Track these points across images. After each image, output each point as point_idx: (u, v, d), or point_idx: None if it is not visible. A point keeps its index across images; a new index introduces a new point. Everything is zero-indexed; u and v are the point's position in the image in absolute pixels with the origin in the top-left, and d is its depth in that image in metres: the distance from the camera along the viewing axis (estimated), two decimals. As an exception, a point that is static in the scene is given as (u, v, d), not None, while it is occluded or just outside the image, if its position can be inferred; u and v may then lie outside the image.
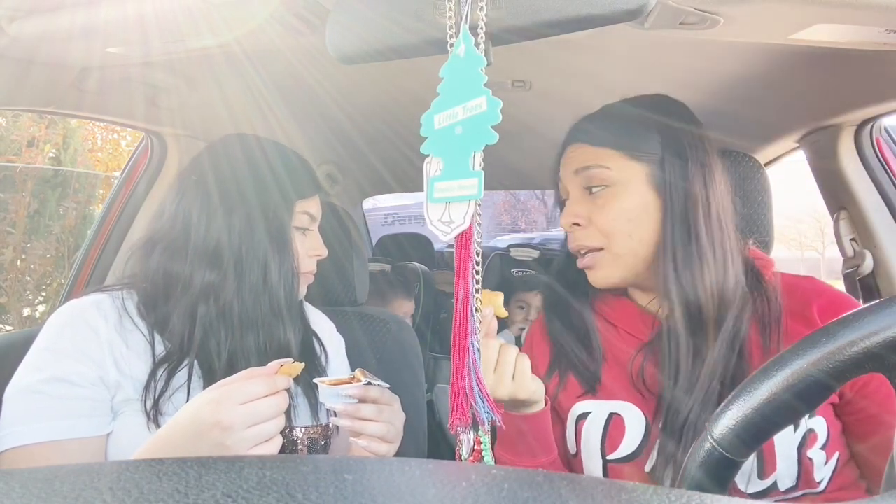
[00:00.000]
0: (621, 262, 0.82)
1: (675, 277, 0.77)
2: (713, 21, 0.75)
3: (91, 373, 0.78)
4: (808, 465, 0.72)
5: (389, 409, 0.83)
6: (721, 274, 0.77)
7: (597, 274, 0.84)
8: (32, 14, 0.81)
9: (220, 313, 0.86)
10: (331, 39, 0.64)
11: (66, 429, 0.75)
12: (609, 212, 0.80)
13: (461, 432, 0.64)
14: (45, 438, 0.74)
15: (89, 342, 0.79)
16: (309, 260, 0.97)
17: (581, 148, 0.85)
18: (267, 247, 0.88)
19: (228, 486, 0.29)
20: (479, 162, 0.56)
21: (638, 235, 0.80)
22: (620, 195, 0.80)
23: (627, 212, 0.80)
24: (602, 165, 0.81)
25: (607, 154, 0.81)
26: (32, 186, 4.46)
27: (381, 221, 7.39)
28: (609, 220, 0.80)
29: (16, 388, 0.77)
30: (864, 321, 0.43)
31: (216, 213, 0.87)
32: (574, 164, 0.84)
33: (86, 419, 0.76)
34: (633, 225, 0.80)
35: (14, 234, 4.38)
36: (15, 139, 5.20)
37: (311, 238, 0.97)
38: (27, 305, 4.56)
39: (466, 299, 0.59)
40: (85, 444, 0.76)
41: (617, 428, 0.80)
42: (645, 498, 0.29)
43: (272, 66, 1.14)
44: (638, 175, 0.80)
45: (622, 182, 0.80)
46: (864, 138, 1.29)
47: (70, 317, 0.82)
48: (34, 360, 0.79)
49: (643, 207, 0.80)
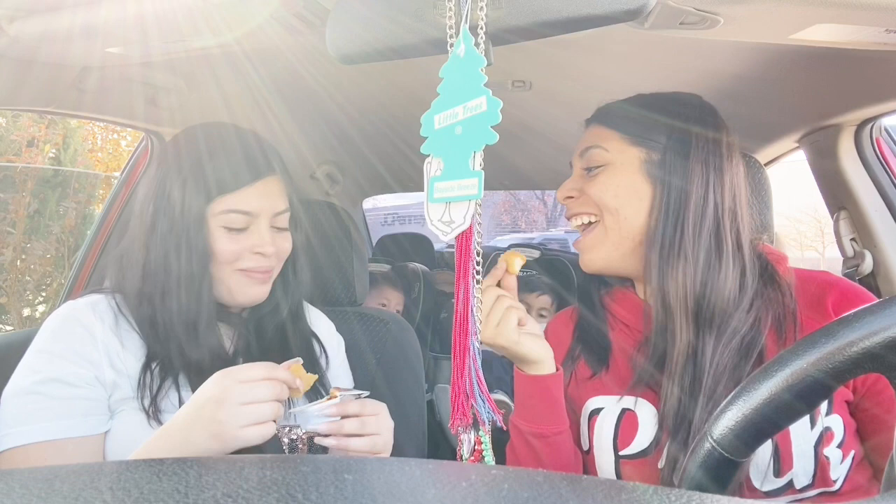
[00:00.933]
0: (609, 240, 0.84)
1: (658, 268, 0.79)
2: (713, 21, 0.75)
3: (87, 373, 0.78)
4: (825, 464, 0.73)
5: (374, 419, 0.81)
6: (711, 275, 0.77)
7: (586, 253, 0.87)
8: (33, 14, 0.81)
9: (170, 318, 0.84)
10: (331, 39, 0.64)
11: (63, 429, 0.75)
12: (598, 184, 0.83)
13: (462, 432, 0.64)
14: (43, 438, 0.74)
15: (85, 343, 0.80)
16: (253, 257, 0.88)
17: (593, 128, 0.88)
18: (177, 251, 0.84)
19: (228, 486, 0.29)
20: (479, 162, 0.56)
21: (625, 213, 0.82)
22: (612, 173, 0.83)
23: (615, 188, 0.82)
24: (601, 147, 0.84)
25: (610, 136, 0.84)
26: (32, 186, 4.47)
27: (381, 221, 7.40)
28: (597, 191, 0.83)
29: (13, 391, 0.77)
30: (865, 321, 0.43)
31: (146, 212, 0.87)
32: (582, 144, 0.88)
33: (82, 419, 0.77)
34: (620, 201, 0.82)
35: (14, 234, 4.38)
36: (15, 139, 5.21)
37: (253, 234, 0.88)
38: (27, 305, 4.56)
39: (467, 299, 0.59)
40: (82, 444, 0.77)
41: (630, 423, 0.81)
42: (645, 498, 0.29)
43: (272, 66, 1.14)
44: (632, 160, 0.82)
45: (616, 163, 0.83)
46: (864, 138, 1.29)
47: (65, 319, 0.82)
48: (31, 361, 0.79)
49: (633, 190, 0.82)
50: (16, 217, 4.35)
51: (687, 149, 0.80)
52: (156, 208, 0.86)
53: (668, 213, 0.79)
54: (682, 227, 0.78)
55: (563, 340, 0.94)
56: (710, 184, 0.79)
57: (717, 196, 0.79)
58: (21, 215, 4.35)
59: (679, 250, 0.78)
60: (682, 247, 0.78)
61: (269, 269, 0.91)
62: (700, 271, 0.78)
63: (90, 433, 0.77)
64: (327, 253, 1.22)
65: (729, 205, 0.80)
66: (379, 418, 0.82)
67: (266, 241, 0.88)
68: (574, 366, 0.90)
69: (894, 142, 1.32)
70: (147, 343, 0.84)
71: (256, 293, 0.90)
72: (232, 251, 0.86)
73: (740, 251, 0.80)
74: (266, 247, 0.87)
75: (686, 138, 0.81)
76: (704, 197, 0.79)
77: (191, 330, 0.84)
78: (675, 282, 0.78)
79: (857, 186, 1.31)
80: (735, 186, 0.81)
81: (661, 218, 0.79)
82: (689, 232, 0.78)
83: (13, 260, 4.40)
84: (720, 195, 0.79)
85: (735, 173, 0.82)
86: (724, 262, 0.78)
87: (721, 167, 0.80)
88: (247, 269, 0.88)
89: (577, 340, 0.92)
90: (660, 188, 0.80)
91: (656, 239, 0.80)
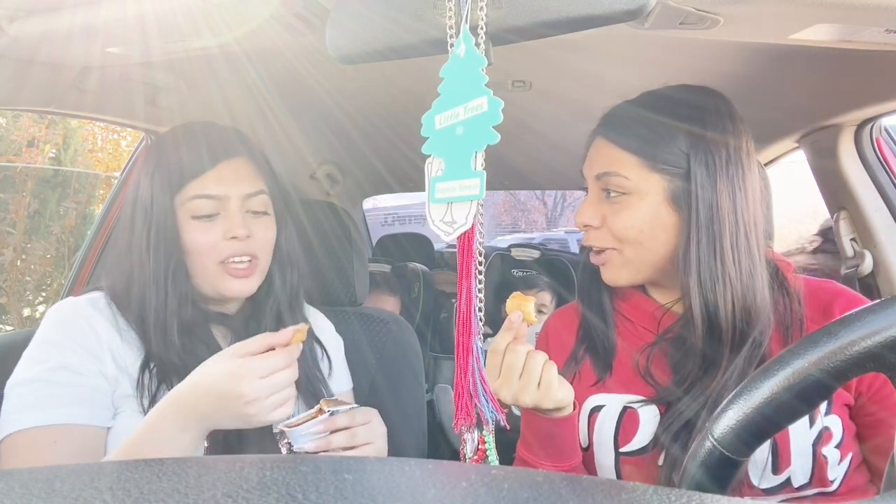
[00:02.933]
0: (632, 266, 0.82)
1: (700, 293, 0.76)
2: (713, 21, 0.75)
3: (92, 365, 0.79)
4: (823, 463, 0.72)
5: (365, 429, 0.81)
6: (748, 288, 0.76)
7: (607, 272, 0.84)
8: (33, 14, 0.81)
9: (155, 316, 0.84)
10: (331, 39, 0.64)
11: (70, 415, 0.75)
12: (622, 219, 0.80)
13: (465, 432, 0.64)
14: (50, 422, 0.74)
15: (88, 337, 0.80)
16: (229, 244, 0.86)
17: (605, 146, 0.83)
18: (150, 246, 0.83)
19: (228, 486, 0.29)
20: (480, 162, 0.56)
21: (649, 245, 0.80)
22: (636, 205, 0.79)
23: (640, 222, 0.79)
24: (621, 175, 0.80)
25: (628, 161, 0.80)
26: (33, 187, 4.47)
27: (381, 222, 7.40)
28: (621, 228, 0.80)
29: (18, 380, 0.77)
30: (865, 321, 0.44)
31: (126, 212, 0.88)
32: (595, 167, 0.83)
33: (88, 408, 0.77)
34: (644, 236, 0.79)
35: (14, 234, 4.38)
36: (15, 139, 5.21)
37: (225, 219, 0.86)
38: (27, 306, 4.56)
39: (469, 299, 0.60)
40: (87, 432, 0.76)
41: (631, 421, 0.80)
42: (645, 498, 0.29)
43: (272, 66, 1.14)
44: (656, 188, 0.79)
45: (640, 192, 0.79)
46: (864, 138, 1.29)
47: (68, 313, 0.82)
48: (35, 352, 0.79)
49: (658, 221, 0.79)
50: (16, 217, 4.35)
51: (712, 169, 0.77)
52: (133, 207, 0.87)
53: (701, 238, 0.76)
54: (720, 248, 0.76)
55: (565, 340, 0.92)
56: (737, 197, 0.77)
57: (743, 207, 0.77)
58: (21, 215, 4.35)
59: (721, 271, 0.76)
60: (724, 266, 0.76)
61: (251, 260, 0.88)
62: (742, 288, 0.76)
63: (96, 423, 0.77)
64: (327, 253, 1.22)
65: (752, 210, 0.78)
66: (370, 426, 0.82)
67: (238, 224, 0.85)
68: (578, 367, 0.89)
69: (894, 142, 1.32)
70: (143, 342, 0.84)
71: (241, 288, 0.88)
72: (205, 242, 0.85)
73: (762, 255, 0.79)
74: (238, 229, 0.85)
75: (709, 157, 0.77)
76: (734, 211, 0.77)
77: (181, 328, 0.84)
78: (724, 301, 0.75)
79: (857, 186, 1.31)
80: (754, 191, 0.79)
81: (696, 243, 0.77)
82: (727, 250, 0.76)
83: (13, 260, 4.40)
84: (745, 205, 0.77)
85: (753, 178, 0.80)
86: (757, 269, 0.77)
87: (744, 177, 0.78)
88: (226, 260, 0.86)
89: (582, 340, 0.90)
90: (686, 215, 0.77)
91: (692, 262, 0.76)
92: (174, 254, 0.84)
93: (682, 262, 0.78)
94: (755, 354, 0.75)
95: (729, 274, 0.76)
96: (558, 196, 14.37)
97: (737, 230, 0.77)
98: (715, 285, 0.76)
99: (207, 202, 0.85)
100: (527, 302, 0.72)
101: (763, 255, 0.79)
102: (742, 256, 0.76)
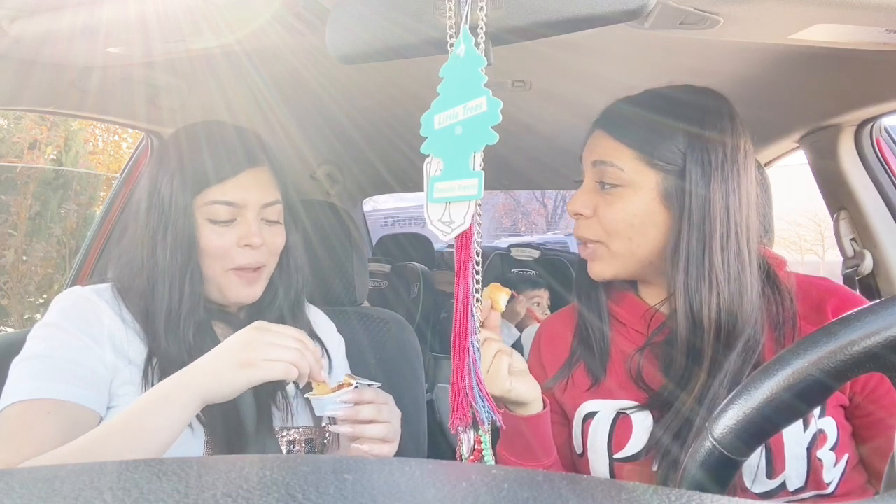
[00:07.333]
0: (618, 260, 0.82)
1: (685, 291, 0.76)
2: (713, 21, 0.75)
3: (92, 351, 0.80)
4: (818, 466, 0.72)
5: (387, 407, 0.83)
6: (736, 291, 0.76)
7: (594, 266, 0.85)
8: (34, 14, 0.82)
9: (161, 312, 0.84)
10: (331, 39, 0.64)
11: (65, 391, 0.75)
12: (613, 211, 0.80)
13: (461, 432, 0.64)
14: (44, 395, 0.74)
15: (91, 323, 0.81)
16: (242, 251, 0.87)
17: (604, 137, 0.83)
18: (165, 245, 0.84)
19: (228, 486, 0.29)
20: (479, 162, 0.56)
21: (638, 240, 0.80)
22: (629, 198, 0.79)
23: (631, 216, 0.79)
24: (617, 165, 0.80)
25: (625, 153, 0.80)
26: (34, 188, 4.47)
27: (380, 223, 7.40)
28: (611, 219, 0.80)
29: (22, 357, 0.78)
30: (865, 321, 0.43)
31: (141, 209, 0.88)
32: (593, 155, 0.84)
33: (85, 389, 0.77)
34: (634, 230, 0.79)
35: (15, 236, 4.38)
36: (16, 141, 5.21)
37: (240, 226, 0.87)
38: (28, 307, 4.56)
39: (467, 299, 0.60)
40: (80, 412, 0.76)
41: (624, 427, 0.80)
42: (645, 498, 0.29)
43: (273, 67, 1.14)
44: (650, 183, 0.79)
45: (633, 186, 0.79)
46: (864, 138, 1.29)
47: (74, 301, 0.83)
48: (41, 333, 0.80)
49: (648, 216, 0.79)
50: (17, 219, 4.36)
51: (707, 168, 0.77)
52: (149, 204, 0.87)
53: (691, 236, 0.77)
54: (709, 248, 0.76)
55: (562, 345, 0.92)
56: (731, 198, 0.77)
57: (736, 208, 0.77)
58: (23, 217, 4.35)
59: (709, 272, 0.76)
60: (712, 267, 0.76)
61: (260, 266, 0.89)
62: (730, 289, 0.76)
63: (91, 406, 0.77)
64: (327, 253, 1.22)
65: (745, 213, 0.78)
66: (390, 407, 0.84)
67: (253, 232, 0.86)
68: (571, 371, 0.88)
69: (894, 142, 1.32)
70: (147, 335, 0.85)
71: (247, 293, 0.89)
72: (219, 245, 0.86)
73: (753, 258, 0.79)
74: (253, 238, 0.86)
75: (705, 156, 0.77)
76: (727, 212, 0.77)
77: (184, 325, 0.84)
78: (709, 302, 0.76)
79: (857, 186, 1.30)
80: (749, 194, 0.79)
81: (685, 241, 0.77)
82: (717, 251, 0.76)
83: (15, 262, 4.40)
84: (738, 207, 0.77)
85: (749, 180, 0.80)
86: (746, 272, 0.77)
87: (739, 179, 0.78)
88: (238, 267, 0.87)
89: (578, 345, 0.90)
90: (678, 213, 0.77)
91: (681, 261, 0.77)
92: (192, 256, 0.85)
93: (671, 260, 0.78)
94: (749, 359, 0.75)
95: (717, 274, 0.76)
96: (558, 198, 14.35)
97: (728, 231, 0.77)
98: (701, 285, 0.76)
99: (226, 208, 0.86)
100: (499, 292, 0.76)
101: (755, 258, 0.78)
102: (731, 258, 0.76)
